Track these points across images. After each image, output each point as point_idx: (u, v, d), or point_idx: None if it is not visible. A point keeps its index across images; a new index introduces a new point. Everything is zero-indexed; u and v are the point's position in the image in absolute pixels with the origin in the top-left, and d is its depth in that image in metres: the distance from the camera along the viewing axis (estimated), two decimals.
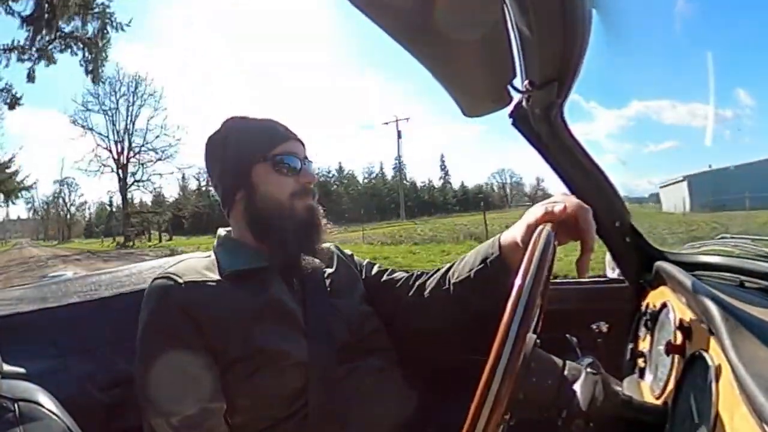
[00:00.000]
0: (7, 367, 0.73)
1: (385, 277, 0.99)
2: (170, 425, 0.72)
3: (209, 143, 0.93)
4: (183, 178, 36.18)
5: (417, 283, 0.93)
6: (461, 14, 0.64)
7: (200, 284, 0.81)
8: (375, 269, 1.02)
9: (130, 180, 29.41)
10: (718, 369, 0.51)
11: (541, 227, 0.61)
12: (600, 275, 1.19)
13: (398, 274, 0.99)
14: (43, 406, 0.67)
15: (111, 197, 33.15)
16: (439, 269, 0.93)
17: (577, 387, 0.58)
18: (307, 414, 0.78)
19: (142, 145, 27.51)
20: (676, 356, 0.65)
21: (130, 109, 27.41)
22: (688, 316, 0.67)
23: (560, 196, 0.72)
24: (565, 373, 0.59)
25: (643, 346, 0.84)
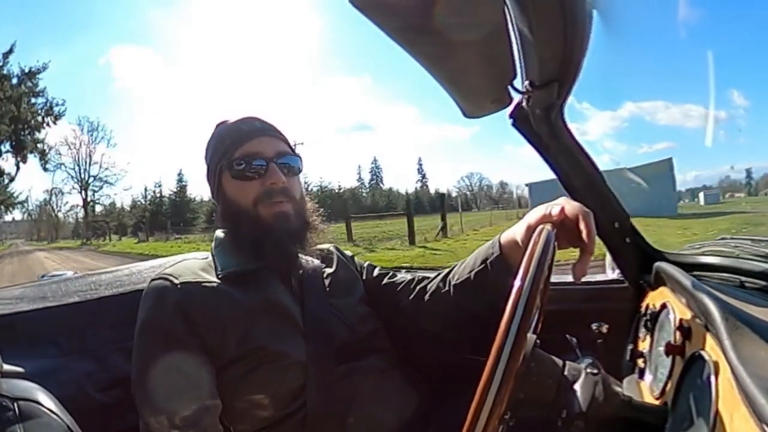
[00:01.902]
0: (6, 366, 0.73)
1: (386, 280, 0.99)
2: (166, 424, 0.72)
3: (204, 150, 0.93)
4: (145, 190, 49.39)
5: (418, 287, 0.93)
6: (461, 15, 0.64)
7: (197, 285, 0.81)
8: (376, 271, 1.01)
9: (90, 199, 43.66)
10: (718, 369, 0.51)
11: (540, 227, 0.61)
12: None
13: (399, 277, 0.99)
14: (42, 405, 0.67)
15: (93, 206, 45.54)
16: (440, 272, 0.93)
17: (577, 387, 0.58)
18: (306, 414, 0.78)
19: (96, 176, 42.22)
20: (676, 357, 0.65)
21: (88, 149, 41.63)
22: (687, 316, 0.67)
23: (563, 200, 0.72)
24: (565, 373, 0.59)
25: (643, 346, 0.84)
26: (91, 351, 0.93)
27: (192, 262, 0.88)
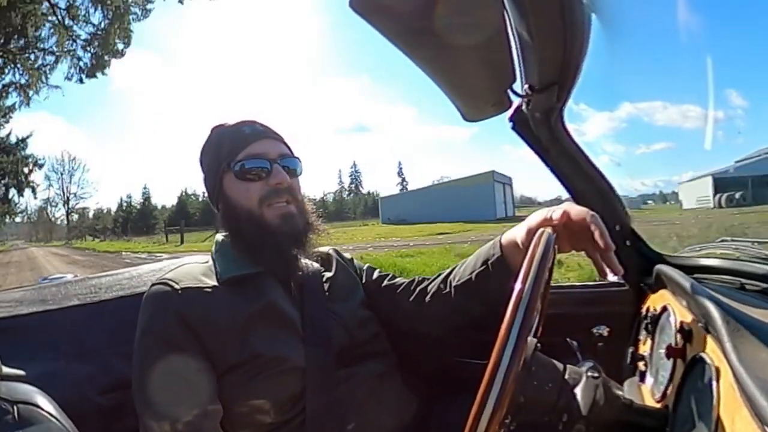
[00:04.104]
0: (6, 370, 0.72)
1: (385, 282, 0.98)
2: (167, 429, 0.72)
3: (200, 153, 0.93)
4: (121, 200, 64.50)
5: (418, 289, 0.93)
6: (461, 19, 0.65)
7: (197, 290, 0.81)
8: (375, 274, 1.01)
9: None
10: (719, 372, 0.51)
11: (541, 230, 0.61)
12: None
13: (399, 280, 0.99)
14: (41, 409, 0.66)
15: (84, 213, 60.53)
16: (440, 274, 0.93)
17: (577, 391, 0.58)
18: (305, 419, 0.77)
19: (75, 193, 56.34)
20: (677, 359, 0.65)
21: (69, 173, 55.44)
22: (688, 319, 0.67)
23: (567, 204, 0.72)
24: (566, 377, 0.59)
25: (644, 349, 0.84)
26: (91, 354, 0.92)
27: (193, 267, 0.87)
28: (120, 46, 13.83)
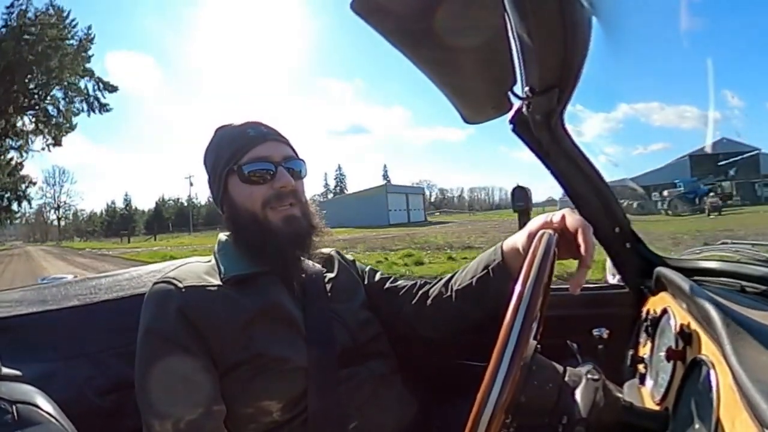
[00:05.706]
0: (5, 370, 0.72)
1: (388, 285, 0.98)
2: (170, 429, 0.71)
3: (204, 154, 0.93)
4: (106, 205, 78.59)
5: (420, 292, 0.93)
6: (462, 21, 0.65)
7: (200, 289, 0.81)
8: (377, 276, 1.01)
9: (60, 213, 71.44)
10: (719, 374, 0.51)
11: (541, 232, 0.61)
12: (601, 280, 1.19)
13: (401, 282, 0.99)
14: (41, 409, 0.66)
15: (76, 214, 74.64)
16: (441, 278, 0.93)
17: (577, 393, 0.58)
18: (307, 419, 0.77)
19: (64, 202, 68.22)
20: (677, 362, 0.65)
21: (60, 185, 67.24)
22: (688, 321, 0.67)
23: (566, 210, 0.73)
24: (566, 379, 0.59)
25: (644, 352, 0.84)
26: (91, 355, 0.92)
27: (196, 266, 0.88)
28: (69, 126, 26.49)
